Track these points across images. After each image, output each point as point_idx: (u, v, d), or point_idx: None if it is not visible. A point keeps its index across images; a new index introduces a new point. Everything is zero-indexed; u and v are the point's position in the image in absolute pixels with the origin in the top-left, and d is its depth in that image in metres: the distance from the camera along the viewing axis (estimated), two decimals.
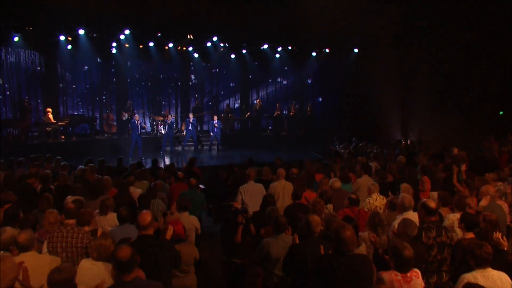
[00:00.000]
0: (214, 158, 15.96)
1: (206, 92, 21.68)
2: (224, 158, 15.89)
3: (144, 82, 20.24)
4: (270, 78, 21.89)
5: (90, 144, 16.51)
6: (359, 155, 13.25)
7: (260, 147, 18.46)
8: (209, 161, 15.26)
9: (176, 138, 18.39)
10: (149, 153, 16.53)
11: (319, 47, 19.67)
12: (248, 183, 7.56)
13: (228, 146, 18.61)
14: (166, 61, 19.63)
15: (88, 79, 18.85)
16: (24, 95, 16.78)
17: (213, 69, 21.45)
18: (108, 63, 19.00)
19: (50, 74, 17.68)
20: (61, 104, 18.13)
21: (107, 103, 18.77)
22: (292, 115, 20.02)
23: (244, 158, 15.54)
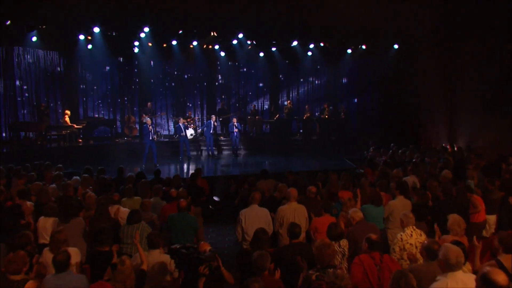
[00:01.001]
0: (234, 166, 14.62)
1: (233, 93, 20.48)
2: (246, 166, 14.53)
3: (168, 82, 19.30)
4: (301, 77, 20.48)
5: (108, 148, 15.71)
6: (397, 165, 11.55)
7: (289, 152, 17.07)
8: (228, 169, 13.95)
9: (197, 142, 17.28)
10: (171, 159, 15.52)
11: (355, 43, 17.98)
12: (251, 207, 6.16)
13: (254, 151, 17.31)
14: (191, 61, 18.62)
15: (109, 80, 18.06)
16: (42, 96, 16.22)
17: (240, 68, 20.26)
18: (130, 63, 18.21)
19: (70, 74, 17.06)
20: (81, 106, 17.48)
21: (129, 104, 17.89)
22: (325, 117, 18.36)
23: (270, 165, 14.24)
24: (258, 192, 6.29)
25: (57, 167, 10.18)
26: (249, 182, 7.86)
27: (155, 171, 9.43)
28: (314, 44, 18.07)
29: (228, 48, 18.08)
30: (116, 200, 6.73)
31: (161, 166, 13.66)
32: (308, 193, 7.09)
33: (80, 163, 13.46)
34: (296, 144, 18.15)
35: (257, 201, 6.19)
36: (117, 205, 6.79)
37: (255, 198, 6.19)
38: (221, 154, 17.06)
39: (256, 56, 18.82)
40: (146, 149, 13.26)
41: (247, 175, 12.12)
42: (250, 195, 6.38)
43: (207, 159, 15.91)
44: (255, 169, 13.50)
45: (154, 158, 13.46)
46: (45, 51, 16.24)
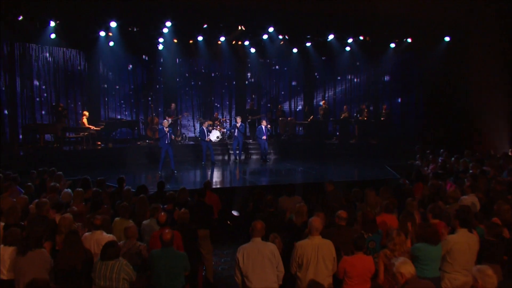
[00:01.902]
0: (261, 174, 13.14)
1: (264, 92, 19.11)
2: (274, 174, 13.03)
3: (194, 81, 18.17)
4: (338, 75, 18.83)
5: (128, 152, 14.69)
6: (449, 175, 9.72)
7: (324, 157, 15.55)
8: (253, 177, 12.49)
9: (224, 145, 16.03)
10: (193, 164, 14.32)
11: (399, 36, 16.14)
12: (252, 241, 4.68)
13: (285, 155, 15.88)
14: (218, 58, 17.53)
15: (132, 79, 17.14)
16: (62, 97, 15.47)
17: (272, 65, 18.91)
18: (154, 60, 17.25)
19: (91, 73, 16.24)
20: (102, 106, 16.66)
21: (153, 105, 16.88)
22: (364, 119, 16.57)
23: (301, 174, 12.67)
24: (260, 222, 4.78)
25: (56, 175, 9.06)
26: (266, 203, 6.37)
27: (158, 182, 8.13)
28: (352, 38, 16.51)
29: (258, 43, 16.80)
30: (98, 224, 5.43)
31: (181, 172, 12.46)
32: (337, 219, 5.51)
33: (95, 168, 12.77)
34: (332, 148, 16.58)
35: (259, 233, 4.70)
36: (100, 231, 5.48)
37: (256, 229, 4.70)
38: (249, 159, 15.70)
39: (289, 52, 17.50)
40: (163, 153, 12.06)
41: (274, 186, 10.75)
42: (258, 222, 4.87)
43: (233, 164, 14.55)
44: (283, 179, 12.05)
45: (171, 163, 12.25)
46: (65, 49, 15.47)
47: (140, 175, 12.49)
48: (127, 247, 5.32)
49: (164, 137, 11.90)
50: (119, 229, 6.18)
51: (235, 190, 10.43)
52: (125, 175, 12.02)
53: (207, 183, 7.94)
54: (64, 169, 11.82)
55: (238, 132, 14.28)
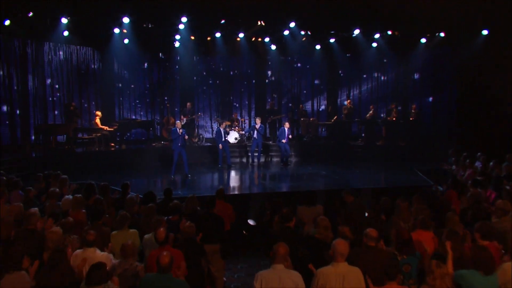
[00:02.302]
0: (281, 179, 12.39)
1: (285, 91, 18.38)
2: (295, 179, 12.27)
3: (212, 80, 17.59)
4: (364, 73, 17.87)
5: (142, 153, 14.17)
6: (490, 182, 8.76)
7: (348, 160, 14.70)
8: (272, 183, 11.75)
9: (243, 147, 15.39)
10: (209, 167, 13.70)
11: (431, 30, 15.11)
12: (272, 268, 3.93)
13: (307, 158, 15.10)
14: (237, 55, 16.96)
15: (147, 78, 16.70)
16: (75, 96, 15.15)
17: (294, 63, 18.16)
18: (170, 58, 16.78)
19: (105, 72, 15.88)
20: (117, 106, 16.29)
21: (169, 104, 16.39)
22: (393, 119, 15.60)
23: (324, 179, 11.84)
24: (283, 246, 4.02)
25: (61, 178, 8.50)
26: (283, 216, 5.62)
27: (165, 190, 7.46)
28: (380, 33, 15.60)
29: (279, 40, 16.14)
30: (90, 240, 4.79)
31: (195, 176, 11.83)
32: (365, 239, 4.70)
33: (107, 170, 12.33)
34: (357, 150, 15.69)
35: (282, 259, 3.95)
36: (93, 248, 4.84)
37: (278, 254, 3.95)
38: (270, 162, 14.98)
39: (311, 48, 16.77)
40: (175, 156, 11.45)
41: (294, 193, 10.01)
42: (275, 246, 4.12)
43: (250, 168, 13.85)
44: (304, 184, 11.29)
45: (185, 167, 11.64)
46: (78, 47, 15.14)
47: (153, 179, 11.92)
48: (122, 268, 4.67)
49: (177, 139, 11.29)
50: (117, 242, 5.56)
51: (252, 197, 9.73)
52: (136, 179, 11.67)
53: (219, 192, 7.24)
54: (75, 171, 11.54)
55: (257, 134, 13.60)
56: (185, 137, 11.30)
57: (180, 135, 11.21)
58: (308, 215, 6.64)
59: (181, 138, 11.22)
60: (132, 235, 5.65)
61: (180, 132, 11.24)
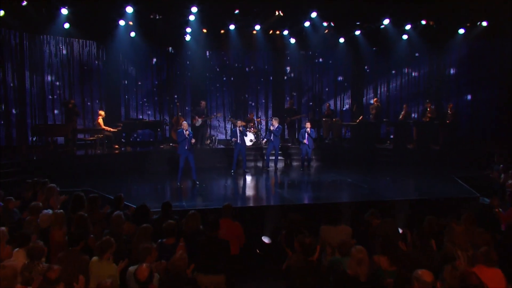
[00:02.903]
0: (301, 187, 11.20)
1: (306, 89, 17.27)
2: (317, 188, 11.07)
3: (226, 76, 16.66)
4: (393, 68, 16.56)
5: (148, 157, 13.22)
6: None
7: (376, 165, 13.49)
8: (291, 192, 10.55)
9: (259, 149, 14.31)
10: (221, 172, 12.67)
11: (471, 19, 13.77)
12: None
13: (329, 162, 13.90)
14: (253, 50, 16.05)
15: (156, 74, 15.83)
16: (77, 94, 14.32)
17: (315, 58, 17.04)
18: (181, 53, 15.88)
19: (110, 68, 15.02)
20: (122, 105, 15.41)
21: (179, 103, 15.41)
22: (426, 120, 14.26)
23: (349, 188, 10.55)
24: None
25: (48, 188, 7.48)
26: (304, 246, 4.41)
27: (163, 204, 6.35)
28: (411, 24, 14.35)
29: (298, 32, 15.16)
30: (52, 279, 3.73)
31: (204, 184, 10.73)
32: (417, 283, 3.48)
33: (108, 176, 11.42)
34: (385, 154, 14.41)
35: None
36: None
37: None
38: (290, 166, 13.89)
39: (335, 42, 15.77)
40: (181, 162, 10.36)
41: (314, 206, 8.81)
42: None
43: (266, 174, 12.72)
44: (327, 195, 10.05)
45: (192, 173, 10.56)
46: (80, 40, 14.29)
47: (158, 185, 10.86)
48: None
49: (183, 142, 10.21)
50: (96, 274, 4.52)
51: (267, 210, 8.55)
52: (140, 185, 10.66)
53: (226, 209, 6.10)
54: (73, 177, 10.80)
55: (273, 136, 12.44)
56: (191, 140, 10.19)
57: (187, 138, 10.12)
58: (333, 237, 5.49)
59: (187, 141, 10.14)
60: (111, 269, 4.56)
61: (187, 134, 10.16)
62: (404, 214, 7.76)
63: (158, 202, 8.75)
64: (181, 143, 10.24)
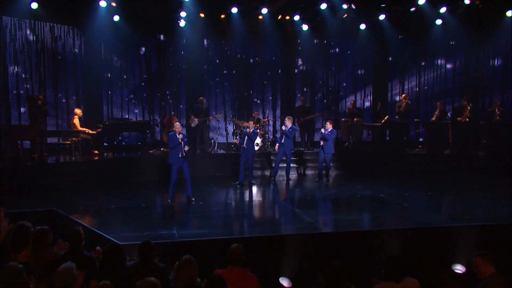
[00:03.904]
0: (321, 208, 9.22)
1: (320, 85, 15.55)
2: (343, 209, 9.12)
3: (227, 69, 14.97)
4: (424, 59, 14.97)
5: (135, 164, 11.57)
6: None
7: (406, 175, 11.77)
8: (312, 213, 8.54)
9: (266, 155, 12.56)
10: (223, 184, 10.92)
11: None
12: None
13: (350, 171, 12.21)
14: (259, 38, 14.44)
15: (144, 66, 14.13)
16: (49, 89, 12.42)
17: (331, 48, 15.42)
18: (174, 42, 14.25)
19: (90, 58, 13.19)
20: (105, 102, 13.68)
21: (172, 100, 13.80)
22: (466, 120, 12.46)
23: (390, 206, 8.51)
24: None
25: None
26: None
27: (141, 245, 4.39)
28: (447, 6, 12.79)
29: (312, 18, 13.81)
30: None
31: (201, 201, 8.80)
32: None
33: (84, 189, 9.78)
34: (417, 162, 12.62)
35: None
36: None
37: None
38: (304, 175, 12.22)
39: (355, 28, 14.28)
40: (174, 173, 8.44)
41: (353, 235, 6.87)
42: None
43: (276, 185, 10.91)
44: (362, 217, 8.10)
45: (187, 187, 8.64)
46: (52, 25, 12.43)
47: (143, 203, 8.84)
48: None
49: (176, 149, 8.29)
50: None
51: (284, 241, 6.61)
52: (119, 204, 8.64)
53: (235, 254, 4.18)
54: (38, 191, 9.13)
55: (285, 139, 10.68)
56: (185, 148, 8.29)
57: (181, 143, 8.21)
58: None
59: (181, 147, 8.22)
60: None
61: (180, 139, 8.24)
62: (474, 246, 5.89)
63: (139, 231, 6.91)
64: (173, 150, 8.32)
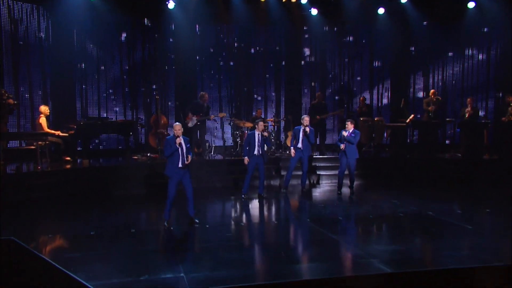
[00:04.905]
0: (366, 230, 7.49)
1: (330, 78, 14.18)
2: (396, 233, 7.46)
3: (223, 60, 13.57)
4: (452, 49, 13.69)
5: (115, 174, 9.95)
6: None
7: (442, 184, 10.36)
8: (361, 242, 6.85)
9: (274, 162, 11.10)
10: (226, 198, 9.46)
11: None
12: None
13: (372, 179, 10.86)
14: (261, 24, 13.42)
15: (126, 56, 12.62)
16: (7, 81, 10.74)
17: (343, 36, 14.07)
18: (161, 27, 12.97)
19: (59, 45, 11.68)
20: (78, 98, 12.16)
21: (160, 96, 12.29)
22: (509, 120, 11.13)
23: (451, 230, 6.69)
24: None
25: None
26: None
27: None
28: None
29: (323, 0, 13.00)
30: None
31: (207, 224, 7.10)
32: None
33: (49, 209, 8.00)
34: (450, 168, 11.17)
35: None
36: None
37: None
38: (318, 185, 10.73)
39: (372, 13, 13.27)
40: (172, 188, 6.66)
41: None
42: None
43: (288, 198, 9.36)
44: (423, 248, 6.36)
45: (189, 206, 6.87)
46: (12, 3, 10.77)
47: (128, 229, 6.99)
48: None
49: (174, 157, 6.51)
50: None
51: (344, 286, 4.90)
52: (96, 231, 6.64)
53: None
54: None
55: (302, 142, 9.12)
56: (187, 157, 6.55)
57: (181, 149, 6.45)
58: None
59: (182, 154, 6.45)
60: None
61: (178, 143, 6.47)
62: None
63: (132, 273, 5.09)
64: (171, 159, 6.52)
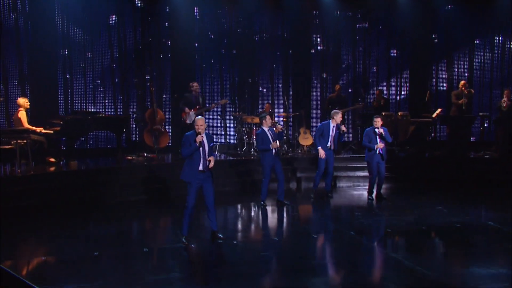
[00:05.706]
0: (427, 249, 6.45)
1: (343, 69, 13.49)
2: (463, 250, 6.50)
3: (225, 48, 12.75)
4: (479, 37, 13.18)
5: (106, 178, 8.90)
6: None
7: (480, 187, 9.65)
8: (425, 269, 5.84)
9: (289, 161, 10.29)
10: (243, 205, 8.68)
11: None
12: None
13: (402, 183, 9.97)
14: (266, 8, 12.83)
15: (116, 42, 11.76)
16: None
17: (358, 22, 13.43)
18: (155, 11, 12.24)
19: (40, 30, 10.66)
20: (61, 90, 11.17)
21: (154, 88, 11.42)
22: None
23: None
24: None
25: None
26: None
27: None
28: None
29: None
30: None
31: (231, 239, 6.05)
32: None
33: (27, 220, 6.95)
34: (486, 169, 10.40)
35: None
36: None
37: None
38: (336, 189, 9.73)
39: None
40: (192, 196, 5.55)
41: None
42: None
43: (318, 207, 8.48)
44: None
45: (210, 216, 5.81)
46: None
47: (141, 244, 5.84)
48: None
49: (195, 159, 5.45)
50: None
51: None
52: (101, 245, 5.40)
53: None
54: None
55: (332, 140, 8.36)
56: (209, 159, 5.52)
57: (202, 150, 5.41)
58: None
59: (202, 156, 5.40)
60: None
61: (199, 141, 5.41)
62: None
63: None
64: (189, 161, 5.45)
